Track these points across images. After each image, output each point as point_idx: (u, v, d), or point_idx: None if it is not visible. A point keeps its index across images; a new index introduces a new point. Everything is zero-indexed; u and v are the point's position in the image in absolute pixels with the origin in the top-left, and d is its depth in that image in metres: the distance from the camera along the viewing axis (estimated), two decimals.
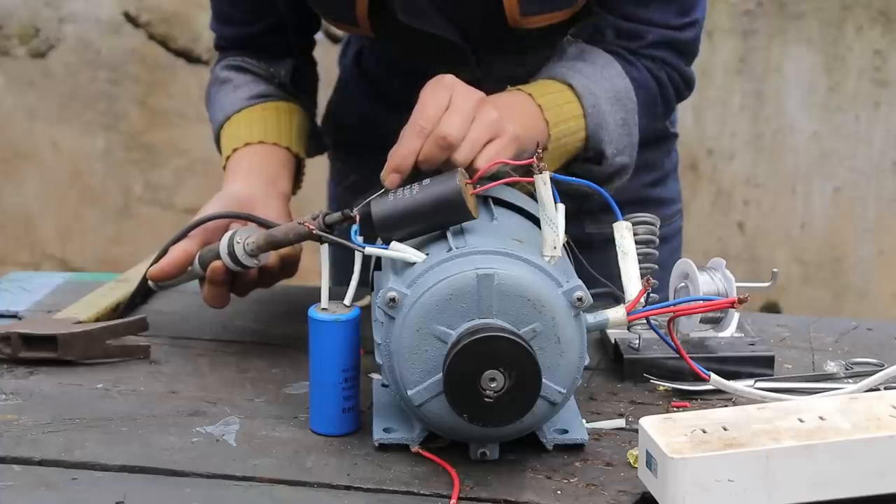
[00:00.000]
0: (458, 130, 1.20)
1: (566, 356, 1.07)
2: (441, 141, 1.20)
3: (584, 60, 1.43)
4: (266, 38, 1.59)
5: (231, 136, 1.51)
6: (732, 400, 1.23)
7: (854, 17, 3.10)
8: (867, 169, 3.16)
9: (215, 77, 1.60)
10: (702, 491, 0.97)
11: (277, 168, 1.48)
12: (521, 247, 1.10)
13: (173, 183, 3.44)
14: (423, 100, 1.23)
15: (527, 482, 1.08)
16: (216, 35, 1.64)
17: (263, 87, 1.56)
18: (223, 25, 1.62)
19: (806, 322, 1.48)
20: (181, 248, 1.34)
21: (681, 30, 1.47)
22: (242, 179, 1.44)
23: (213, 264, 1.30)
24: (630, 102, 1.44)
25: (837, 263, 3.22)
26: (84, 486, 1.07)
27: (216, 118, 1.56)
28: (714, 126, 3.19)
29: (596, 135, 1.41)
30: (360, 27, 1.47)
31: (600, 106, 1.41)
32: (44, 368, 1.32)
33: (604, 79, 1.42)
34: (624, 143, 1.43)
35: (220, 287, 1.31)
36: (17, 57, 3.43)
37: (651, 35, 1.45)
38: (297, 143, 1.53)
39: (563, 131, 1.38)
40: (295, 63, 1.60)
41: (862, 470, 0.99)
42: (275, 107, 1.54)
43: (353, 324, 1.15)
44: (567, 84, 1.40)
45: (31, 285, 1.60)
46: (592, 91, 1.41)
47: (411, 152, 1.20)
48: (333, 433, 1.16)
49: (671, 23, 1.46)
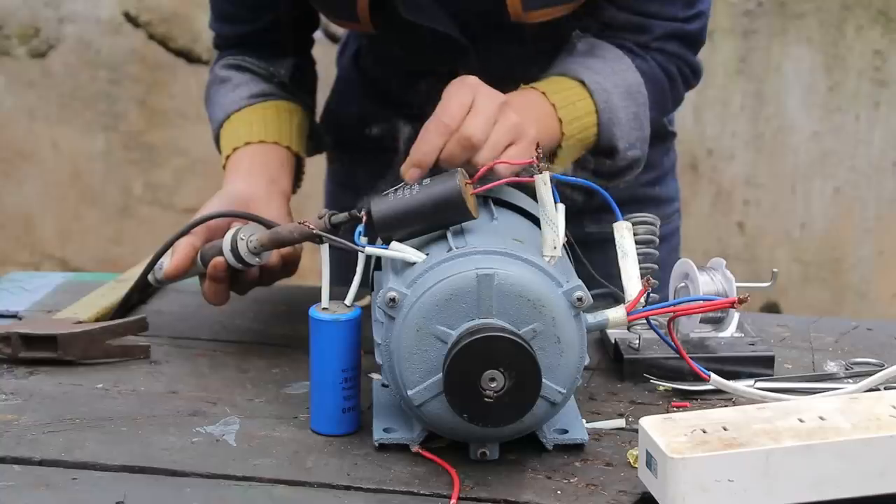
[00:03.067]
0: (482, 132, 1.22)
1: (566, 356, 1.07)
2: (465, 142, 1.21)
3: (595, 56, 1.44)
4: (265, 37, 1.59)
5: (231, 135, 1.51)
6: (732, 400, 1.23)
7: (854, 17, 3.10)
8: (867, 169, 3.16)
9: (215, 76, 1.59)
10: (702, 491, 0.97)
11: (278, 167, 1.48)
12: (521, 247, 1.10)
13: (173, 183, 3.44)
14: (447, 98, 1.24)
15: (527, 482, 1.08)
16: (215, 34, 1.64)
17: (263, 86, 1.56)
18: (223, 24, 1.62)
19: (806, 322, 1.48)
20: (188, 243, 1.34)
21: (688, 21, 1.48)
22: (243, 179, 1.44)
23: (215, 260, 1.30)
24: (641, 96, 1.44)
25: (837, 263, 3.22)
26: (84, 486, 1.07)
27: (216, 117, 1.56)
28: (714, 126, 3.19)
29: (608, 130, 1.42)
30: (361, 23, 1.47)
31: (612, 101, 1.42)
32: (44, 368, 1.32)
33: (615, 73, 1.43)
34: (635, 137, 1.44)
35: (220, 284, 1.31)
36: (17, 57, 3.43)
37: (659, 28, 1.47)
38: (297, 142, 1.53)
39: (576, 128, 1.39)
40: (295, 62, 1.60)
41: (862, 470, 0.99)
42: (275, 106, 1.54)
43: (354, 324, 1.15)
44: (579, 80, 1.41)
45: (31, 285, 1.60)
46: (604, 87, 1.41)
47: (434, 149, 1.21)
48: (333, 433, 1.16)
49: (678, 15, 1.47)
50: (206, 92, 1.61)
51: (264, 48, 1.59)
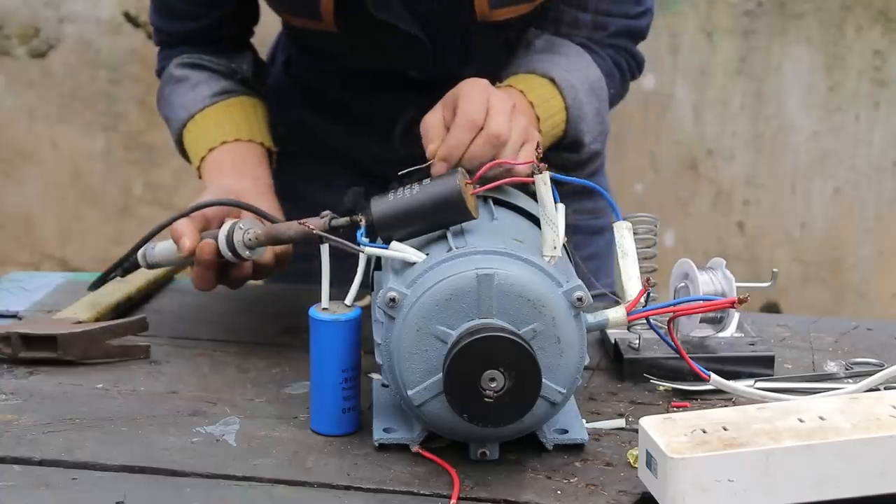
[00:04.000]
0: (508, 129, 1.24)
1: (566, 356, 1.07)
2: (493, 139, 1.23)
3: (559, 53, 1.48)
4: (212, 34, 1.57)
5: (201, 135, 1.50)
6: (732, 400, 1.23)
7: (854, 17, 3.10)
8: (867, 169, 3.16)
9: (169, 75, 1.56)
10: (702, 491, 0.97)
11: (257, 164, 1.48)
12: (521, 247, 1.10)
13: (173, 183, 3.44)
14: (466, 96, 1.25)
15: (527, 482, 1.08)
16: (159, 31, 1.60)
17: (224, 83, 1.54)
18: (169, 20, 1.58)
19: (806, 322, 1.48)
20: (191, 223, 1.31)
21: (638, 18, 1.54)
22: (229, 176, 1.44)
23: (203, 243, 1.28)
24: (602, 91, 1.49)
25: (837, 263, 3.22)
26: (84, 486, 1.07)
27: (177, 117, 1.53)
28: (714, 126, 3.19)
29: (576, 126, 1.46)
30: (324, 21, 1.47)
31: (579, 97, 1.46)
32: (44, 368, 1.32)
33: (578, 70, 1.47)
34: (598, 131, 1.50)
35: (207, 270, 1.30)
36: (17, 57, 3.43)
37: (613, 25, 1.51)
38: (266, 136, 1.53)
39: (549, 125, 1.43)
40: (253, 57, 1.60)
41: (862, 470, 0.99)
42: (239, 102, 1.53)
43: (354, 324, 1.14)
44: (549, 78, 1.45)
45: (31, 285, 1.60)
46: (572, 84, 1.45)
47: (462, 144, 1.22)
48: (333, 433, 1.16)
49: (630, 12, 1.53)
50: (161, 92, 1.58)
51: (212, 44, 1.57)
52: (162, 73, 1.59)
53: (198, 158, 1.49)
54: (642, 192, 3.19)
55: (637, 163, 3.21)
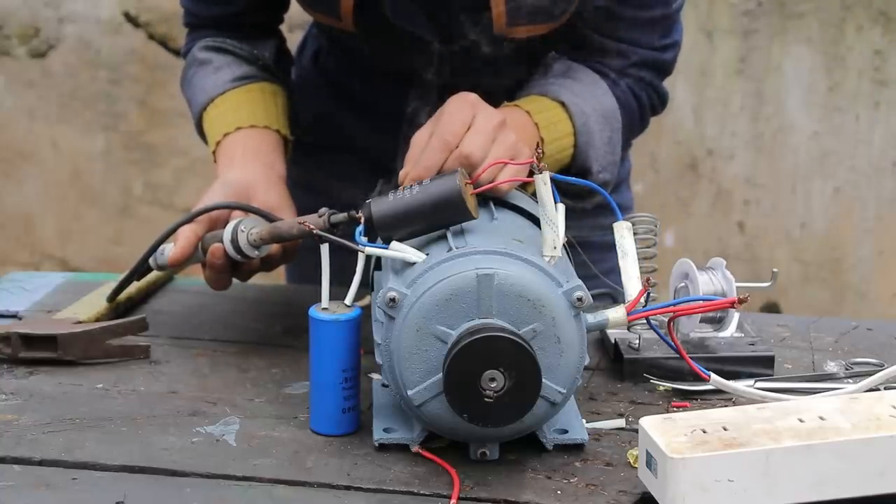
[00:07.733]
0: (482, 150, 1.22)
1: (566, 356, 1.07)
2: (464, 160, 1.21)
3: (573, 78, 1.46)
4: (240, 19, 1.57)
5: (218, 120, 1.50)
6: (732, 400, 1.23)
7: (854, 17, 3.10)
8: (867, 169, 3.16)
9: (193, 58, 1.57)
10: (702, 491, 0.97)
11: (271, 151, 1.48)
12: (521, 247, 1.10)
13: (173, 183, 3.44)
14: (447, 115, 1.25)
15: (527, 482, 1.08)
16: (188, 12, 1.61)
17: (245, 68, 1.54)
18: (198, 3, 1.59)
19: (806, 322, 1.48)
20: (191, 231, 1.33)
21: (663, 50, 1.51)
22: (240, 165, 1.44)
23: (213, 247, 1.30)
24: (616, 121, 1.47)
25: (837, 263, 3.22)
26: (84, 486, 1.07)
27: (197, 100, 1.54)
28: (714, 126, 3.19)
29: (584, 152, 1.45)
30: (343, 21, 1.47)
31: (589, 124, 1.44)
32: (44, 368, 1.32)
33: (593, 97, 1.45)
34: (608, 161, 1.47)
35: (220, 272, 1.32)
36: (17, 57, 3.43)
37: (636, 56, 1.49)
38: (284, 124, 1.53)
39: (554, 148, 1.42)
40: (277, 44, 1.60)
41: (862, 470, 0.99)
42: (259, 88, 1.53)
43: (354, 324, 1.15)
44: (559, 101, 1.43)
45: (31, 285, 1.60)
46: (583, 110, 1.44)
47: (435, 164, 1.22)
48: (333, 433, 1.16)
49: (655, 44, 1.49)
50: (184, 74, 1.59)
51: (238, 29, 1.57)
52: (188, 54, 1.60)
53: (213, 143, 1.50)
54: (642, 192, 3.19)
55: (637, 163, 3.20)
